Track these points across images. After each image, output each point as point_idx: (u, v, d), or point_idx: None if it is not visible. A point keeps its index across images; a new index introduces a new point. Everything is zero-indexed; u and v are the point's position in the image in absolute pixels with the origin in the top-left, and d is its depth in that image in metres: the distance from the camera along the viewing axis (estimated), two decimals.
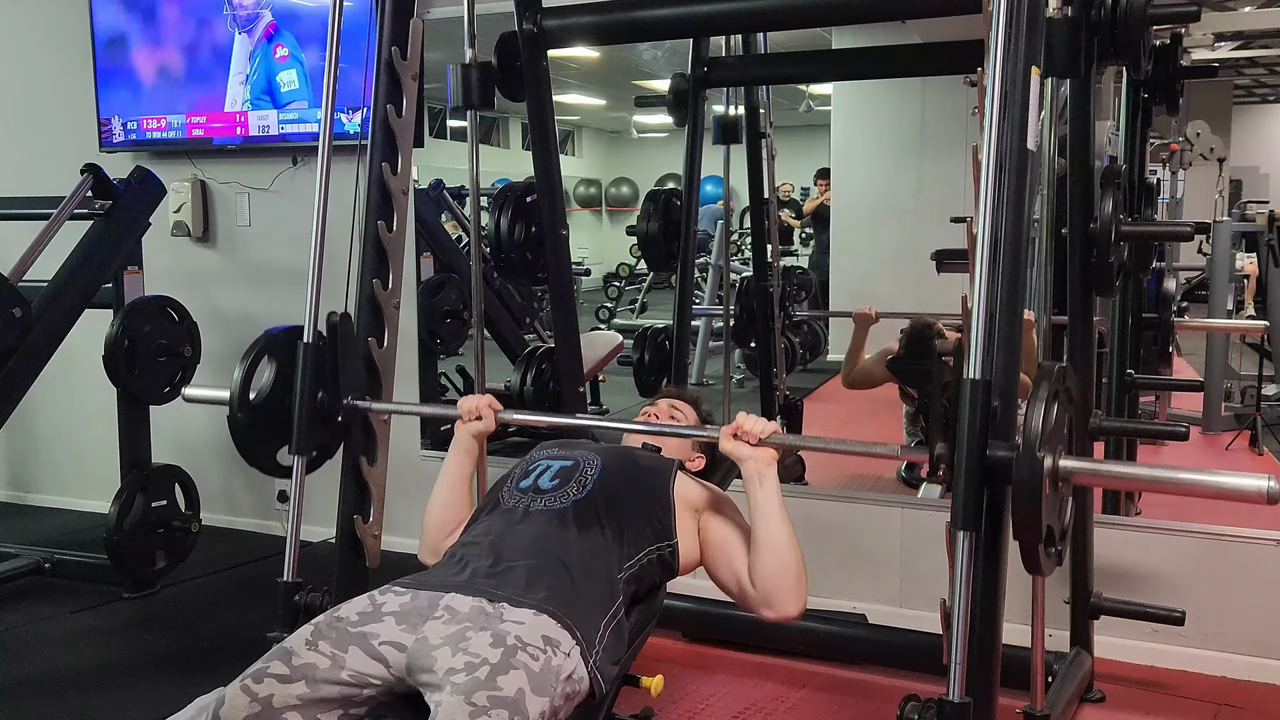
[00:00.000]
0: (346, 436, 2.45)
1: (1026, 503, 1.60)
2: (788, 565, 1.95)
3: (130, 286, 3.67)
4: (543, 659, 1.66)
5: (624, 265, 9.06)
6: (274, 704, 1.65)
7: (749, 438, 2.00)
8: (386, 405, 2.49)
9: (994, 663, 1.72)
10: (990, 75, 1.69)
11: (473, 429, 2.26)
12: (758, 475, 1.98)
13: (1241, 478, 1.61)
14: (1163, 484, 1.71)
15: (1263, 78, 6.82)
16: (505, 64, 2.84)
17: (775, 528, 1.96)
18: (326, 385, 2.39)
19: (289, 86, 4.08)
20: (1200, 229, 4.88)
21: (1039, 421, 1.59)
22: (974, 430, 1.63)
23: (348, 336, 2.41)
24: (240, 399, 2.34)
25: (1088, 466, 1.74)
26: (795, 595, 1.95)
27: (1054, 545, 1.71)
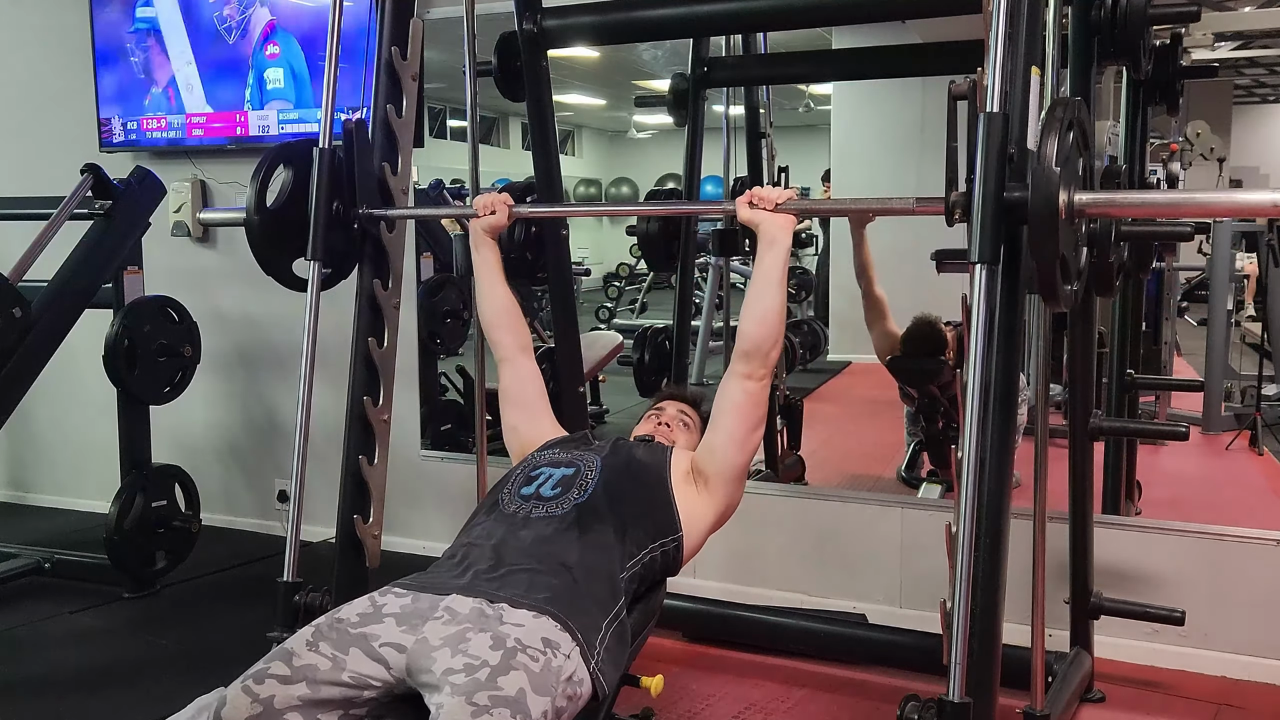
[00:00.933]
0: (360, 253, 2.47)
1: (1043, 229, 1.61)
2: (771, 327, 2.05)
3: (130, 286, 3.67)
4: (543, 660, 1.66)
5: (624, 265, 9.06)
6: (275, 705, 1.65)
7: (765, 204, 2.05)
8: (400, 210, 2.52)
9: (994, 663, 1.72)
10: (990, 75, 1.69)
11: (485, 223, 2.35)
12: (770, 239, 2.05)
13: (1250, 193, 1.61)
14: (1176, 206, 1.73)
15: (1263, 78, 6.81)
16: (505, 64, 2.84)
17: (772, 293, 2.04)
18: (342, 194, 2.40)
19: (274, 84, 4.08)
20: (1200, 229, 4.88)
21: (1053, 150, 1.60)
22: (991, 166, 1.64)
23: (364, 145, 2.42)
24: (256, 206, 2.34)
25: (1101, 197, 1.73)
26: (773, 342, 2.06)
27: (1070, 281, 1.71)
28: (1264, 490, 4.24)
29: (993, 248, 1.65)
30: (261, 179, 2.35)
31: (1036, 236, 1.62)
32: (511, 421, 2.36)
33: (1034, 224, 1.61)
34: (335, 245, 2.42)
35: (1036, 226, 1.61)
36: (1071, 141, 1.65)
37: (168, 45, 4.25)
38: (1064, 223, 1.63)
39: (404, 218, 2.53)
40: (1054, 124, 1.61)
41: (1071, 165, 1.66)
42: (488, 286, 2.40)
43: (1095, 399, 2.82)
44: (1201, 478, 4.38)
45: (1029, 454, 2.33)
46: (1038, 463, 2.35)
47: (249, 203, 2.35)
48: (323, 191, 2.37)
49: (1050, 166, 1.59)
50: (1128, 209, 1.84)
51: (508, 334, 2.39)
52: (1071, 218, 1.67)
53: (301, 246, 2.40)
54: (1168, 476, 4.15)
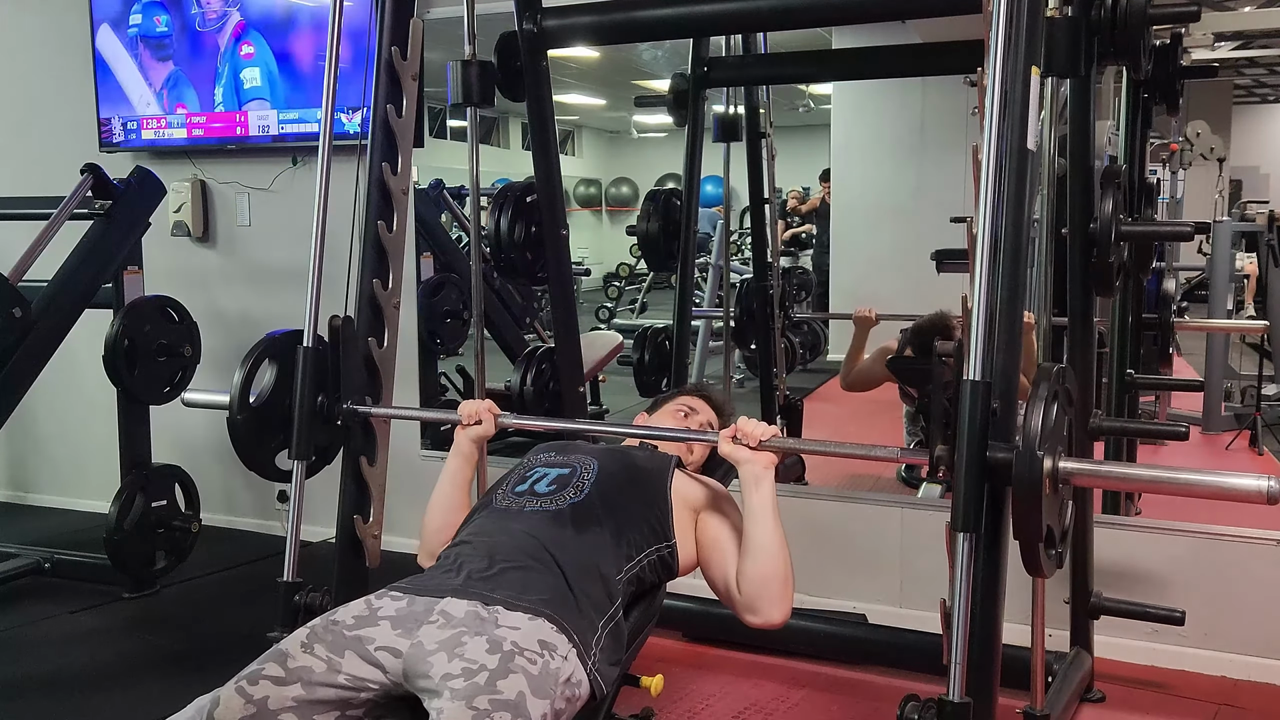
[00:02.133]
0: (346, 439, 2.45)
1: (1026, 503, 1.60)
2: (775, 572, 1.95)
3: (130, 286, 3.67)
4: (540, 662, 1.66)
5: (624, 265, 9.06)
6: (269, 706, 1.64)
7: (749, 440, 2.00)
8: (386, 410, 2.49)
9: (994, 663, 1.72)
10: (990, 75, 1.69)
11: (472, 434, 2.27)
12: (754, 479, 1.99)
13: (1241, 478, 1.61)
14: (1162, 484, 1.71)
15: (1263, 78, 6.82)
16: (505, 64, 2.84)
17: (767, 533, 1.96)
18: (326, 389, 2.39)
19: (251, 84, 4.08)
20: (1200, 229, 4.88)
21: (1038, 422, 1.59)
22: (974, 431, 1.63)
23: (348, 340, 2.41)
24: (240, 402, 2.35)
25: (1087, 468, 1.74)
26: (780, 602, 1.96)
27: (1054, 546, 1.71)
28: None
29: (975, 516, 1.63)
30: (245, 374, 2.34)
31: (1021, 512, 1.61)
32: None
33: (1018, 501, 1.60)
34: (319, 439, 2.41)
35: (1021, 503, 1.60)
36: (1056, 411, 1.64)
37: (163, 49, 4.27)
38: (1049, 497, 1.62)
39: (386, 416, 2.50)
40: (1039, 399, 1.60)
41: (1056, 431, 1.65)
42: (448, 501, 2.24)
43: (1095, 399, 2.82)
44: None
45: None
46: None
47: (233, 398, 2.34)
48: (306, 389, 2.35)
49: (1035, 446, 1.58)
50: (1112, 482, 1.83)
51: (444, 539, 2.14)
52: (1056, 486, 1.66)
53: (285, 437, 2.38)
54: None
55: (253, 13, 4.07)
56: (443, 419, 2.48)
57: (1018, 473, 1.59)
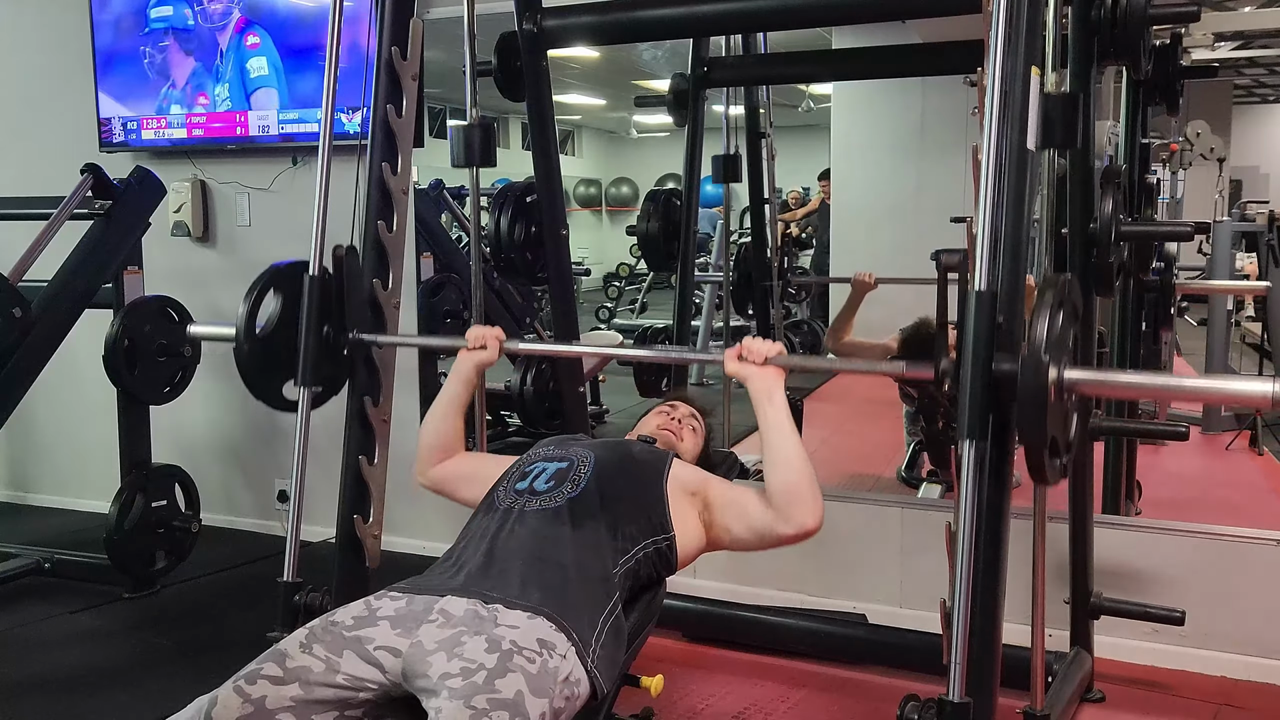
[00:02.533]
0: (351, 374, 2.45)
1: (1032, 410, 1.59)
2: (802, 476, 1.97)
3: (130, 286, 3.67)
4: (539, 661, 1.66)
5: (624, 265, 9.06)
6: (267, 705, 1.64)
7: (754, 357, 2.00)
8: (392, 339, 2.50)
9: (994, 663, 1.72)
10: (990, 75, 1.69)
11: (476, 357, 2.29)
12: (765, 394, 2.00)
13: (1246, 381, 1.60)
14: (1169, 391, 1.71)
15: (1263, 78, 6.82)
16: (505, 64, 2.84)
17: (787, 442, 1.98)
18: (332, 319, 2.39)
19: (258, 72, 4.07)
20: (1200, 229, 4.88)
21: (1044, 330, 1.58)
22: (980, 342, 1.64)
23: (353, 271, 2.41)
24: (246, 331, 2.34)
25: (1092, 376, 1.73)
26: (811, 504, 1.97)
27: (1059, 456, 1.70)
28: (1264, 490, 4.24)
29: (981, 425, 1.63)
30: (251, 304, 2.34)
31: (1026, 420, 1.60)
32: (472, 495, 2.20)
33: (1023, 406, 1.60)
34: (325, 369, 2.41)
35: (1026, 409, 1.60)
36: (1062, 320, 1.64)
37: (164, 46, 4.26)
38: (1054, 404, 1.62)
39: (393, 344, 2.51)
40: (1044, 306, 1.60)
41: (1062, 341, 1.65)
42: (442, 423, 2.29)
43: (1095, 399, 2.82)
44: (1201, 478, 4.38)
45: None
46: None
47: (239, 328, 2.33)
48: (313, 318, 2.36)
49: (1040, 353, 1.57)
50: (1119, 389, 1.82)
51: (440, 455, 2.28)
52: (1061, 396, 1.66)
53: (291, 368, 2.38)
54: (1168, 476, 4.15)
55: (255, 5, 4.07)
56: (448, 345, 2.50)
57: (1024, 378, 1.59)
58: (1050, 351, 1.58)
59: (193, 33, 4.22)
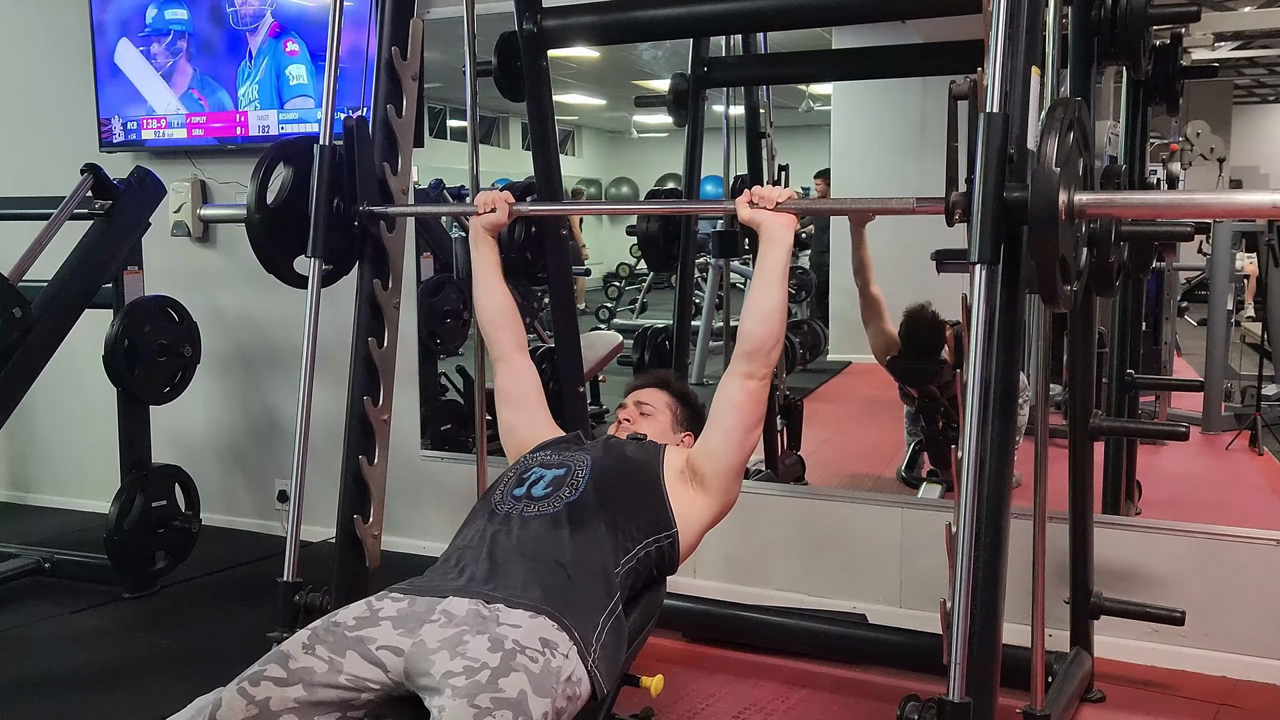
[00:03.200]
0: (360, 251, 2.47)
1: (1042, 228, 1.60)
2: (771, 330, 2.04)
3: (130, 286, 3.67)
4: (542, 660, 1.66)
5: (624, 265, 9.05)
6: (271, 707, 1.65)
7: (766, 203, 2.03)
8: (401, 208, 2.51)
9: (994, 663, 1.72)
10: (990, 75, 1.69)
11: (485, 220, 2.35)
12: (772, 238, 2.03)
13: (1249, 194, 1.61)
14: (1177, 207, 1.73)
15: (1263, 78, 6.81)
16: (505, 64, 2.84)
17: (772, 293, 2.03)
18: (343, 191, 2.40)
19: (296, 80, 4.08)
20: (1200, 229, 4.88)
21: (1053, 149, 1.59)
22: (991, 165, 1.64)
23: (364, 142, 2.41)
24: (257, 203, 2.34)
25: (1101, 198, 1.73)
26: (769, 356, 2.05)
27: (1070, 281, 1.71)
28: (1264, 490, 4.24)
29: (993, 248, 1.65)
30: (262, 176, 2.35)
31: (1036, 237, 1.62)
32: (509, 421, 2.36)
33: (1034, 224, 1.61)
34: (336, 243, 2.42)
35: (1036, 227, 1.61)
36: (1072, 142, 1.65)
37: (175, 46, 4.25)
38: (1064, 223, 1.63)
39: (404, 214, 2.53)
40: (1054, 124, 1.61)
41: (1072, 165, 1.66)
42: (486, 284, 2.40)
43: (1095, 399, 2.82)
44: (1201, 478, 4.38)
45: (1029, 454, 2.33)
46: (1038, 463, 2.34)
47: (249, 200, 2.35)
48: (323, 189, 2.37)
49: (1050, 167, 1.59)
50: (1128, 209, 1.84)
51: (505, 332, 2.39)
52: (1071, 218, 1.66)
53: (302, 244, 2.39)
54: (1168, 476, 4.15)
55: (289, 12, 4.08)
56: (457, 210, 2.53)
57: (1034, 197, 1.60)
58: (1060, 170, 1.59)
59: (202, 35, 4.22)
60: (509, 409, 2.36)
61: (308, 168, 2.38)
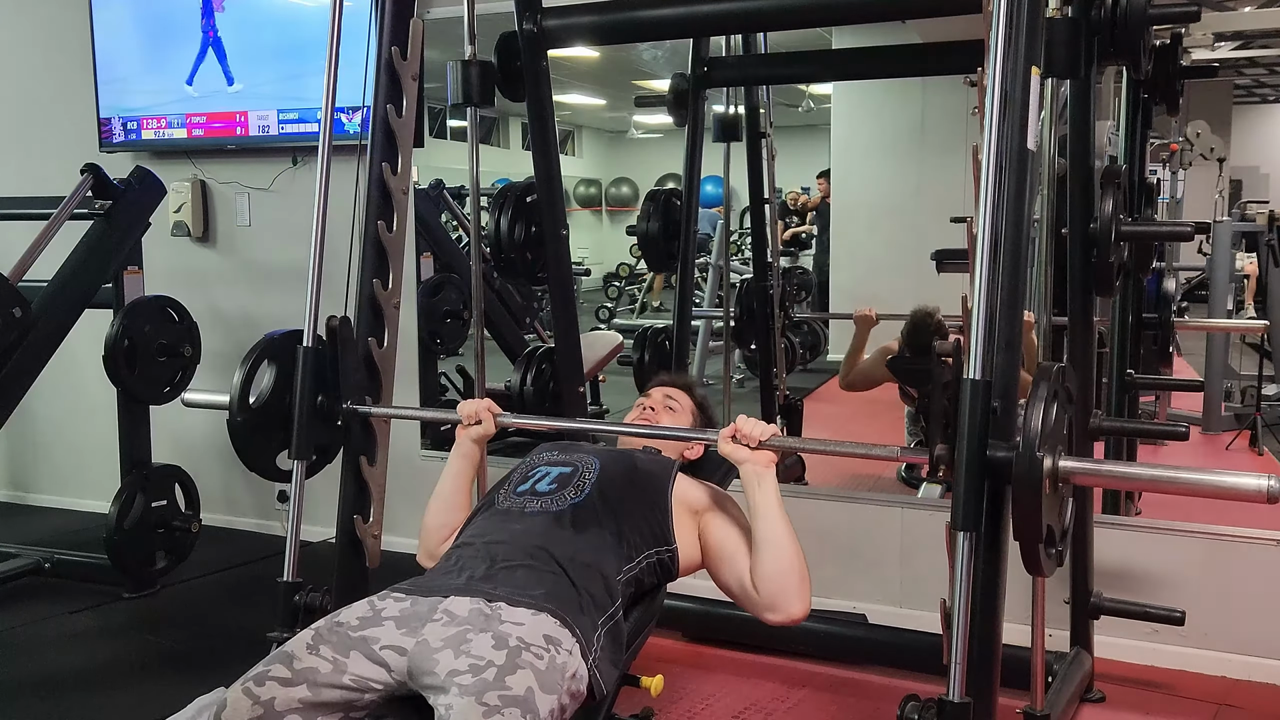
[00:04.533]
0: (346, 439, 2.45)
1: (1026, 502, 1.60)
2: (790, 566, 1.94)
3: (130, 286, 3.67)
4: (547, 657, 1.66)
5: (624, 265, 9.06)
6: (276, 707, 1.64)
7: (748, 440, 1.99)
8: (386, 410, 2.49)
9: (994, 663, 1.72)
10: (990, 75, 1.69)
11: (472, 434, 2.27)
12: (756, 478, 1.98)
13: (1241, 477, 1.62)
14: (1162, 484, 1.71)
15: (1263, 78, 6.82)
16: (505, 64, 2.84)
17: (776, 529, 1.96)
18: (326, 388, 2.39)
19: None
20: (1200, 229, 4.89)
21: (1038, 421, 1.59)
22: (974, 430, 1.63)
23: (347, 340, 2.41)
24: (240, 402, 2.35)
25: (1087, 466, 1.74)
26: (799, 596, 1.95)
27: (1054, 545, 1.71)
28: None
29: (975, 517, 1.63)
30: (245, 374, 2.35)
31: (1021, 510, 1.61)
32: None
33: (1018, 497, 1.60)
34: (319, 438, 2.41)
35: (1021, 502, 1.60)
36: (1056, 411, 1.64)
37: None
38: (1049, 496, 1.62)
39: (388, 417, 2.50)
40: (1038, 399, 1.60)
41: (1056, 432, 1.65)
42: (447, 501, 2.25)
43: (1095, 399, 2.82)
44: None
45: None
46: None
47: (232, 399, 2.35)
48: (306, 389, 2.36)
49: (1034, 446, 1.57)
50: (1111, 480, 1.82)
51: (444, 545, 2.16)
52: (1056, 485, 1.66)
53: (285, 438, 2.39)
54: None
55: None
56: (443, 419, 2.48)
57: (1018, 472, 1.59)
58: (1045, 443, 1.59)
59: None
60: None
61: (291, 364, 2.37)
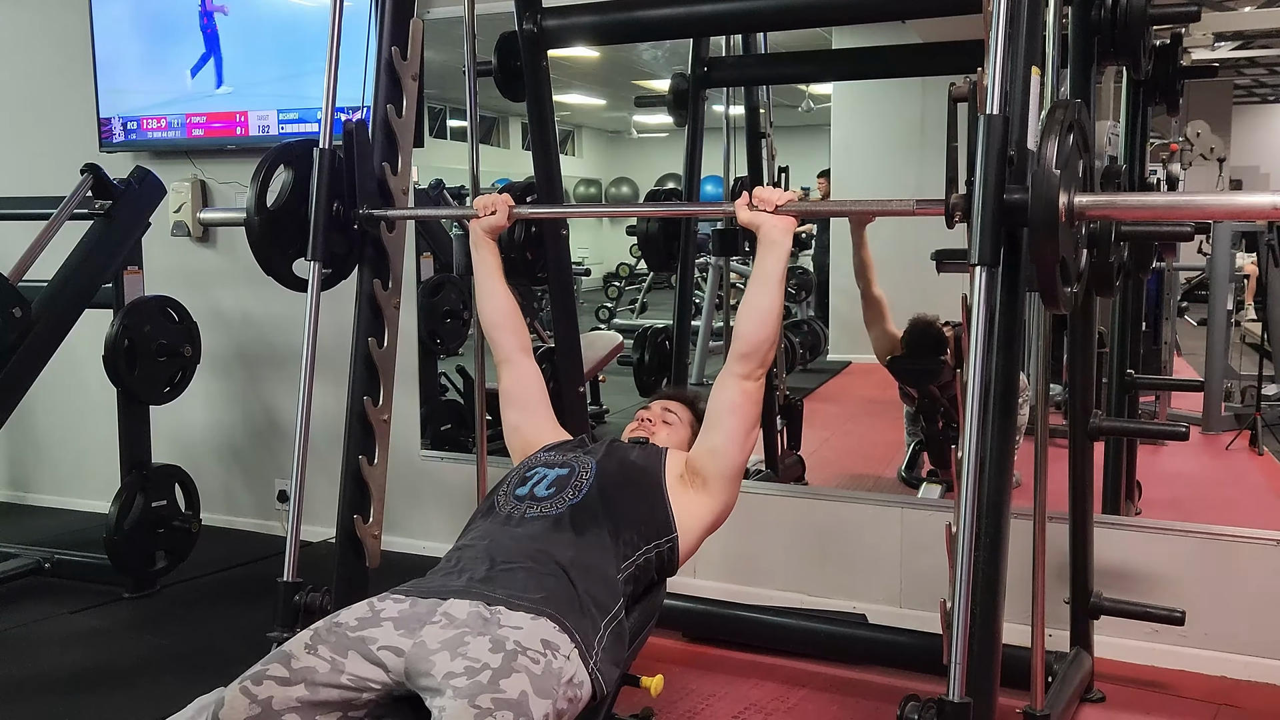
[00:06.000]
0: (360, 253, 2.47)
1: (1043, 230, 1.60)
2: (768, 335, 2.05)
3: (130, 286, 3.67)
4: (543, 662, 1.66)
5: (624, 265, 9.05)
6: (273, 706, 1.65)
7: (765, 205, 2.03)
8: (401, 211, 2.51)
9: (994, 663, 1.72)
10: (990, 75, 1.69)
11: (485, 223, 2.35)
12: (771, 241, 2.03)
13: (1249, 195, 1.61)
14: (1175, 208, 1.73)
15: (1263, 78, 6.82)
16: (505, 64, 2.83)
17: (769, 296, 2.03)
18: (342, 195, 2.40)
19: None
20: (1200, 229, 4.88)
21: (1053, 151, 1.59)
22: (991, 167, 1.64)
23: (364, 146, 2.42)
24: (256, 207, 2.35)
25: (1101, 199, 1.73)
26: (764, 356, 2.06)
27: (1070, 283, 1.71)
28: (1264, 490, 4.24)
29: (993, 249, 1.65)
30: (262, 179, 2.36)
31: (1036, 239, 1.62)
32: (513, 422, 2.36)
33: (1034, 226, 1.61)
34: (335, 246, 2.42)
35: (1036, 229, 1.61)
36: (1071, 143, 1.65)
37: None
38: (1064, 225, 1.63)
39: (404, 218, 2.54)
40: (1054, 126, 1.61)
41: (1071, 167, 1.66)
42: (488, 287, 2.41)
43: (1095, 399, 2.82)
44: (1201, 478, 4.38)
45: (1029, 454, 2.33)
46: (1038, 463, 2.35)
47: (249, 203, 2.35)
48: (323, 192, 2.37)
49: (1050, 169, 1.59)
50: (1127, 211, 1.84)
51: (508, 334, 2.39)
52: (1071, 220, 1.66)
53: (302, 247, 2.40)
54: (1168, 476, 4.15)
55: None
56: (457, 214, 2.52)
57: (1034, 199, 1.60)
58: (1060, 173, 1.59)
59: None
60: (514, 410, 2.37)
61: (307, 171, 2.38)
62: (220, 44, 4.16)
